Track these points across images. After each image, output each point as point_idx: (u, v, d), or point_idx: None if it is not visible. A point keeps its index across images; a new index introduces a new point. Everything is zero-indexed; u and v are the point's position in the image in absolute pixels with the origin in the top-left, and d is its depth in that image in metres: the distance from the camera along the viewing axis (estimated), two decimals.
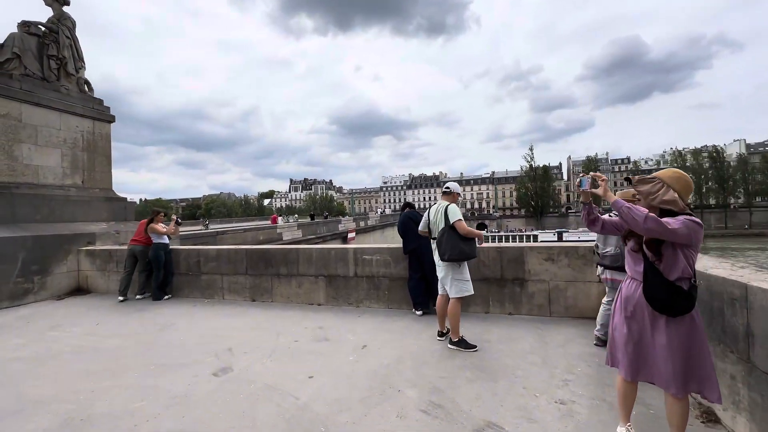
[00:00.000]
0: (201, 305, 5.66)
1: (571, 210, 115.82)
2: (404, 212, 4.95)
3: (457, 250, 3.48)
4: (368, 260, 5.13)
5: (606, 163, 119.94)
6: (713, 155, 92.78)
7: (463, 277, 3.58)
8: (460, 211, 3.70)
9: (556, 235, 73.55)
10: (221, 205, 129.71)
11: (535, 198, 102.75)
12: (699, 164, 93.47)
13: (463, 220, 3.66)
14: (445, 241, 3.53)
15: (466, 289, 3.57)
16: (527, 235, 74.11)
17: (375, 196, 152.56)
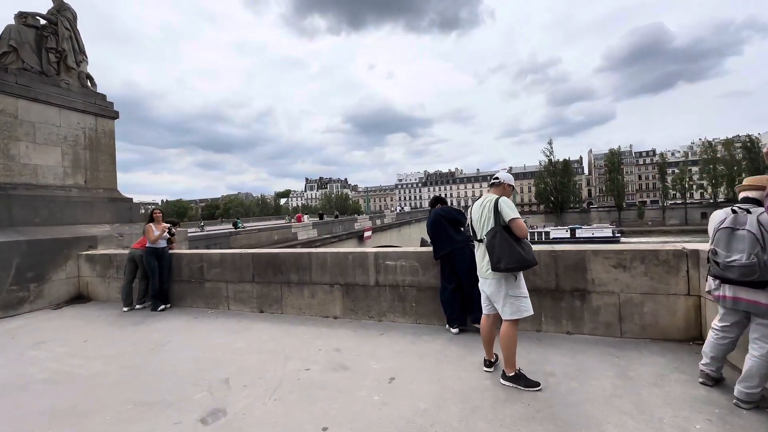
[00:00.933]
0: (203, 317, 5.03)
1: (592, 205, 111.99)
2: (435, 209, 4.17)
3: (515, 257, 2.68)
4: (392, 266, 4.37)
5: (630, 156, 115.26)
6: (747, 145, 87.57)
7: (520, 293, 2.78)
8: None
9: (568, 232, 70.40)
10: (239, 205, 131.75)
11: (554, 193, 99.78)
12: (731, 155, 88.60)
13: (521, 217, 2.85)
14: (498, 244, 2.73)
15: (525, 308, 2.77)
16: (538, 233, 71.16)
17: (390, 194, 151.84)
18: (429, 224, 4.07)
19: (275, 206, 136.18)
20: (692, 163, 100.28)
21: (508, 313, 2.78)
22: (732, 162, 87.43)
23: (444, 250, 3.90)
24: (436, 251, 4.00)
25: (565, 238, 69.33)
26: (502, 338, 2.77)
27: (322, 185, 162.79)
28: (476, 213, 3.03)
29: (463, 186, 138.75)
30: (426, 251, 4.25)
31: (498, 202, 2.88)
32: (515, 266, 2.69)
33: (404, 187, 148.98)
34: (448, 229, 3.93)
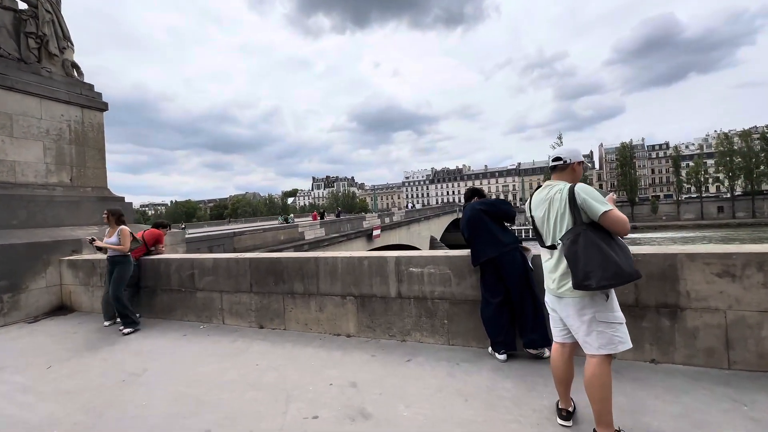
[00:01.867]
0: (193, 334, 4.28)
1: None
2: (471, 203, 3.34)
3: (612, 269, 1.85)
4: (417, 274, 3.55)
5: (642, 149, 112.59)
6: (766, 136, 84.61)
7: (613, 317, 1.96)
8: None
9: None
10: (247, 205, 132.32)
11: None
12: (749, 147, 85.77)
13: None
14: (584, 252, 1.91)
15: (621, 338, 1.94)
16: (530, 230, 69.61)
17: (397, 192, 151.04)
18: (465, 222, 3.24)
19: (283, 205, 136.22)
20: (707, 156, 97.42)
21: (595, 345, 1.95)
22: (750, 154, 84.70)
23: (486, 255, 3.07)
24: (475, 256, 3.17)
25: None
26: (591, 383, 1.94)
27: (329, 184, 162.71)
28: (539, 209, 2.20)
29: (471, 183, 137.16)
30: (459, 255, 3.43)
31: (575, 192, 2.05)
32: (612, 282, 1.86)
33: (411, 185, 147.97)
34: (492, 227, 3.10)
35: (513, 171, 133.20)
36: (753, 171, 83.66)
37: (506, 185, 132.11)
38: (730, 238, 57.11)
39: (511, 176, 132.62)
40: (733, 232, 64.76)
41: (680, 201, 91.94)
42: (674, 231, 74.50)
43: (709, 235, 63.84)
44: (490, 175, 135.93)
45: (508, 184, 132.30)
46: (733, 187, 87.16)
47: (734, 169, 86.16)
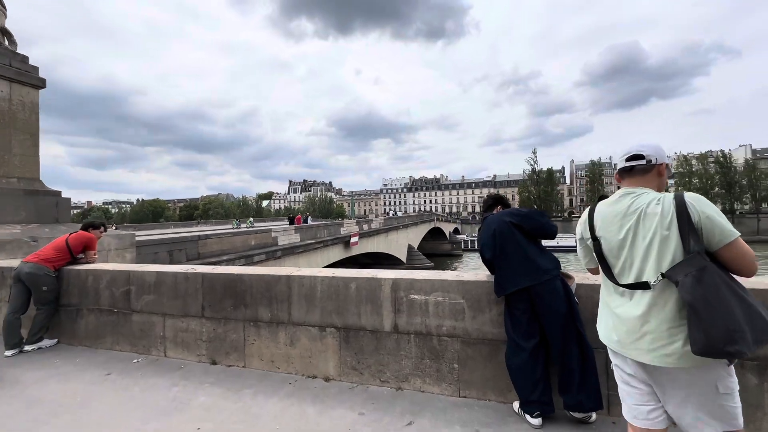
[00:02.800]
0: (121, 372, 3.26)
1: (574, 214, 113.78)
2: (496, 214, 2.59)
3: (761, 324, 1.19)
4: (420, 303, 2.75)
5: (610, 167, 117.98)
6: (720, 160, 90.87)
7: (735, 383, 1.29)
8: None
9: None
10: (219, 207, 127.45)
11: (538, 202, 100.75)
12: (705, 169, 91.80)
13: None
14: (716, 295, 1.22)
15: (739, 409, 1.28)
16: None
17: (375, 199, 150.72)
18: (489, 238, 2.48)
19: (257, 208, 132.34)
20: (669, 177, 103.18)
21: (717, 426, 1.26)
22: (706, 176, 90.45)
23: (518, 284, 2.31)
24: (502, 283, 2.41)
25: None
26: None
27: (305, 188, 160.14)
28: (615, 228, 1.50)
29: (448, 192, 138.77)
30: (476, 281, 2.66)
31: (686, 204, 1.36)
32: (754, 340, 1.19)
33: (389, 192, 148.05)
34: (527, 246, 2.36)
35: (489, 182, 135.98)
36: (708, 192, 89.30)
37: (482, 196, 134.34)
38: None
39: (487, 188, 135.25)
40: None
41: None
42: None
43: None
44: (467, 185, 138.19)
45: (484, 195, 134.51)
46: None
47: (692, 190, 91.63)
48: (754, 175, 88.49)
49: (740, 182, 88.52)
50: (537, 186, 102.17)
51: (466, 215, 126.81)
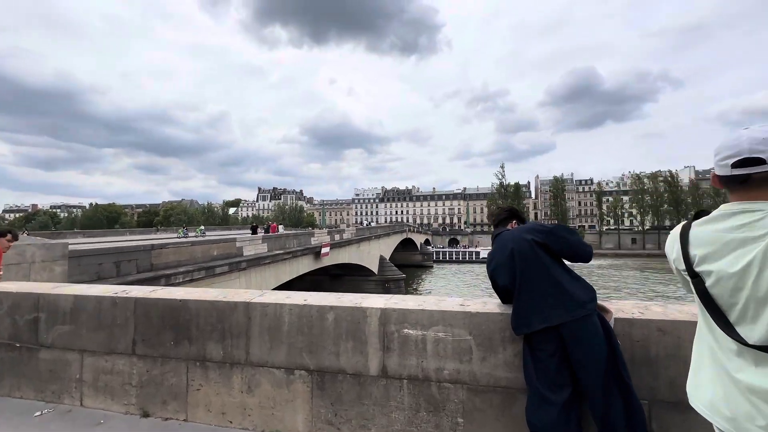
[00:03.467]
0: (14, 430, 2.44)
1: None
2: (514, 230, 2.10)
3: None
4: (416, 340, 2.19)
5: (571, 183, 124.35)
6: (669, 180, 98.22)
7: None
8: None
9: None
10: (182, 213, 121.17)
11: None
12: (656, 188, 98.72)
13: None
14: None
15: None
16: (469, 252, 73.85)
17: (347, 208, 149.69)
18: (507, 259, 1.97)
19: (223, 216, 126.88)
20: (623, 193, 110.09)
21: None
22: (656, 194, 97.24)
23: (546, 319, 1.81)
24: (522, 318, 1.89)
25: None
26: None
27: (275, 196, 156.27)
28: (731, 258, 1.04)
29: (419, 204, 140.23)
30: (487, 312, 2.14)
31: None
32: None
33: (361, 202, 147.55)
34: (556, 271, 1.87)
35: (459, 195, 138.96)
36: (659, 208, 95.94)
37: (452, 208, 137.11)
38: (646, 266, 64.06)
39: (457, 200, 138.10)
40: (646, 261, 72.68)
41: (602, 232, 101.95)
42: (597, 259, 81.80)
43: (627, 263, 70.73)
44: (438, 197, 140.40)
45: (454, 207, 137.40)
46: (643, 221, 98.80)
47: (645, 206, 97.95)
48: (697, 193, 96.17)
49: (686, 200, 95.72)
50: (505, 199, 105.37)
51: (437, 227, 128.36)
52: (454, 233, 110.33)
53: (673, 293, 38.05)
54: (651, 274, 54.81)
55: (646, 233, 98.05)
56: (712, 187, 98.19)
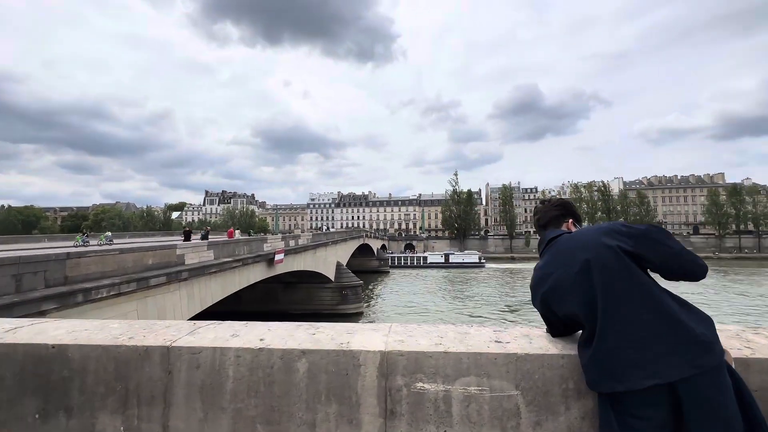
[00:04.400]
0: None
1: (489, 233, 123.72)
2: (580, 232, 1.47)
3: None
4: (434, 398, 1.46)
5: (518, 191, 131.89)
6: (602, 189, 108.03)
7: None
8: None
9: (443, 257, 77.13)
10: (116, 217, 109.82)
11: (459, 221, 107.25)
12: (591, 196, 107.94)
13: None
14: None
15: None
16: (417, 257, 76.01)
17: (302, 213, 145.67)
18: (577, 276, 1.32)
19: (165, 220, 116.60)
20: None
21: None
22: (591, 202, 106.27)
23: (655, 374, 1.17)
24: (608, 368, 1.24)
25: (441, 263, 75.73)
26: None
27: (224, 199, 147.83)
28: None
29: (375, 209, 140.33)
30: (539, 355, 1.46)
31: None
32: None
33: (317, 207, 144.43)
34: (661, 294, 1.25)
35: (414, 201, 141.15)
36: (594, 215, 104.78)
37: (408, 214, 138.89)
38: None
39: (412, 205, 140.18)
40: None
41: None
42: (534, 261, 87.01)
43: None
44: (393, 203, 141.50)
45: (410, 213, 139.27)
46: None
47: (581, 214, 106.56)
48: (625, 202, 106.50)
49: (615, 208, 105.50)
50: (458, 206, 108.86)
51: (393, 232, 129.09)
52: (410, 238, 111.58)
53: None
54: None
55: None
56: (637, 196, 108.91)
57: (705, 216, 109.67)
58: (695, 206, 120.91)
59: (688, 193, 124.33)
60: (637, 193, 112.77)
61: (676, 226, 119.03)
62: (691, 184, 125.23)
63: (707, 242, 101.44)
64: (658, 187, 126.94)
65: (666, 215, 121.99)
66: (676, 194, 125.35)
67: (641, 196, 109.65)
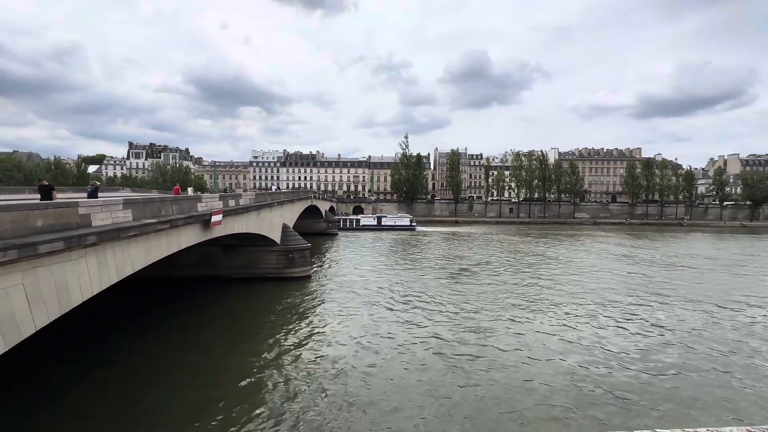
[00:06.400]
0: None
1: (436, 197, 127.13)
2: None
3: None
4: None
5: (465, 157, 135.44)
6: (540, 158, 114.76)
7: None
8: None
9: (375, 220, 79.82)
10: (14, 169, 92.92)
11: (408, 184, 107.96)
12: (530, 164, 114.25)
13: None
14: None
15: None
16: (350, 220, 77.74)
17: (243, 172, 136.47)
18: None
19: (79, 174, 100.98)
20: (506, 168, 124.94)
21: None
22: (530, 170, 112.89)
23: None
24: None
25: (373, 226, 78.48)
26: None
27: (153, 153, 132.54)
28: None
29: (323, 170, 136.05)
30: None
31: None
32: None
33: (260, 166, 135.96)
34: None
35: (364, 163, 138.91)
36: (532, 182, 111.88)
37: (357, 176, 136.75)
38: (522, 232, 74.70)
39: (362, 167, 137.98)
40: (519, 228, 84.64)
41: (488, 202, 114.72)
42: (483, 225, 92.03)
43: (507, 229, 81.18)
44: (343, 164, 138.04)
45: (359, 175, 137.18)
46: (519, 194, 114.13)
47: (521, 181, 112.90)
48: (559, 171, 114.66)
49: (551, 177, 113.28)
50: (407, 169, 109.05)
51: (342, 194, 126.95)
52: (358, 201, 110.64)
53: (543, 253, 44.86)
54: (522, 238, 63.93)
55: (521, 203, 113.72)
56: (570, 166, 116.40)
57: (622, 186, 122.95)
58: (615, 177, 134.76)
59: (611, 165, 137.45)
60: (570, 163, 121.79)
61: (598, 195, 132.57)
62: (614, 157, 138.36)
63: (622, 209, 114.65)
64: (587, 158, 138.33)
65: (591, 184, 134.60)
66: (601, 165, 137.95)
67: (573, 166, 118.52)
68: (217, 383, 14.39)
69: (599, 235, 73.15)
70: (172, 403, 13.04)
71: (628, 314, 23.21)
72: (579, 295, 27.80)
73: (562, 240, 63.40)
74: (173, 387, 14.16)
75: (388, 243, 57.51)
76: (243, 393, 13.87)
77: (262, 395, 13.76)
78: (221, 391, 13.82)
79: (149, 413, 12.47)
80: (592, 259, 43.89)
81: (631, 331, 20.23)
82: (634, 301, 26.14)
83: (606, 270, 37.27)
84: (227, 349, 17.64)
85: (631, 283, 31.70)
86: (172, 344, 18.26)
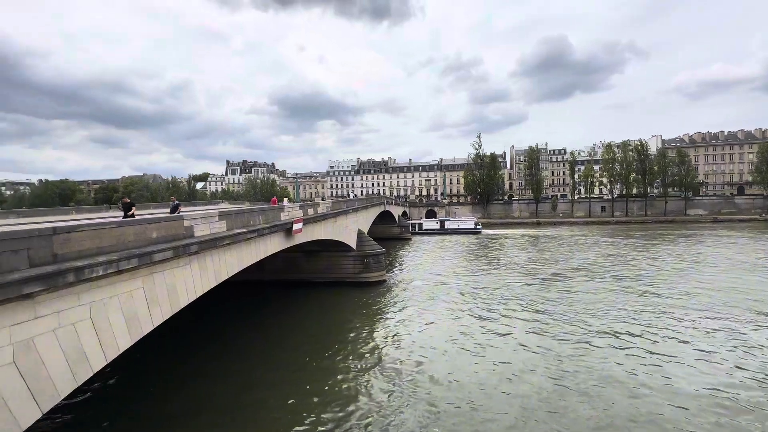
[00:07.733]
0: None
1: (513, 197, 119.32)
2: None
3: None
4: None
5: (546, 153, 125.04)
6: (638, 148, 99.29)
7: None
8: None
9: (438, 224, 75.79)
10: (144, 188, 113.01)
11: (482, 185, 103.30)
12: (625, 156, 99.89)
13: None
14: None
15: None
16: (413, 224, 74.73)
17: (321, 182, 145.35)
18: None
19: (190, 191, 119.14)
20: (595, 162, 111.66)
21: None
22: (626, 162, 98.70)
23: None
24: None
25: (436, 230, 75.59)
26: None
27: (246, 169, 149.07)
28: None
29: (395, 175, 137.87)
30: None
31: None
32: None
33: (336, 175, 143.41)
34: None
35: (435, 166, 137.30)
36: (628, 177, 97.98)
37: (429, 179, 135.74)
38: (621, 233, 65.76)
39: (433, 171, 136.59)
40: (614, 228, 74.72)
41: (574, 200, 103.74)
42: (569, 227, 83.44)
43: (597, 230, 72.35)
44: (414, 168, 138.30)
45: (430, 179, 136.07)
46: (612, 190, 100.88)
47: (614, 175, 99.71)
48: (664, 162, 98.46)
49: (652, 168, 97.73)
50: (481, 170, 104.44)
51: (414, 198, 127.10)
52: (431, 204, 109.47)
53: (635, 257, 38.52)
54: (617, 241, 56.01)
55: (615, 201, 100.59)
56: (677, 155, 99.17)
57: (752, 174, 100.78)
58: (742, 164, 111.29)
59: (735, 150, 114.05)
60: (678, 151, 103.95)
61: (718, 187, 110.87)
62: (739, 140, 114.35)
63: (753, 203, 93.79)
64: (701, 144, 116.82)
65: (708, 175, 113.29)
66: (721, 152, 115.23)
67: (681, 154, 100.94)
68: (309, 382, 15.14)
69: (725, 235, 60.61)
70: (270, 400, 14.05)
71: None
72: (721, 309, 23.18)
73: (678, 241, 53.87)
74: (272, 384, 15.27)
75: (462, 247, 55.53)
76: (332, 394, 14.36)
77: (350, 397, 14.09)
78: (314, 390, 14.54)
79: (253, 408, 13.57)
80: (730, 265, 36.01)
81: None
82: None
83: (747, 280, 30.36)
84: (316, 350, 18.55)
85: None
86: (271, 343, 19.89)
